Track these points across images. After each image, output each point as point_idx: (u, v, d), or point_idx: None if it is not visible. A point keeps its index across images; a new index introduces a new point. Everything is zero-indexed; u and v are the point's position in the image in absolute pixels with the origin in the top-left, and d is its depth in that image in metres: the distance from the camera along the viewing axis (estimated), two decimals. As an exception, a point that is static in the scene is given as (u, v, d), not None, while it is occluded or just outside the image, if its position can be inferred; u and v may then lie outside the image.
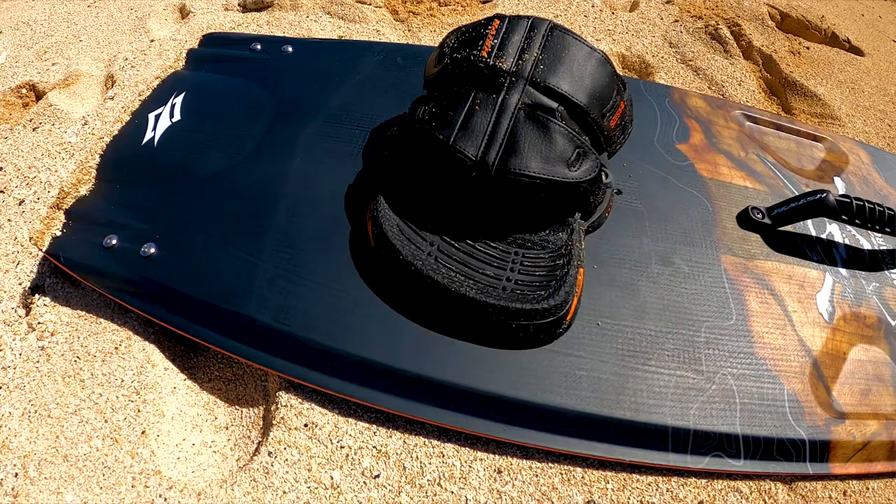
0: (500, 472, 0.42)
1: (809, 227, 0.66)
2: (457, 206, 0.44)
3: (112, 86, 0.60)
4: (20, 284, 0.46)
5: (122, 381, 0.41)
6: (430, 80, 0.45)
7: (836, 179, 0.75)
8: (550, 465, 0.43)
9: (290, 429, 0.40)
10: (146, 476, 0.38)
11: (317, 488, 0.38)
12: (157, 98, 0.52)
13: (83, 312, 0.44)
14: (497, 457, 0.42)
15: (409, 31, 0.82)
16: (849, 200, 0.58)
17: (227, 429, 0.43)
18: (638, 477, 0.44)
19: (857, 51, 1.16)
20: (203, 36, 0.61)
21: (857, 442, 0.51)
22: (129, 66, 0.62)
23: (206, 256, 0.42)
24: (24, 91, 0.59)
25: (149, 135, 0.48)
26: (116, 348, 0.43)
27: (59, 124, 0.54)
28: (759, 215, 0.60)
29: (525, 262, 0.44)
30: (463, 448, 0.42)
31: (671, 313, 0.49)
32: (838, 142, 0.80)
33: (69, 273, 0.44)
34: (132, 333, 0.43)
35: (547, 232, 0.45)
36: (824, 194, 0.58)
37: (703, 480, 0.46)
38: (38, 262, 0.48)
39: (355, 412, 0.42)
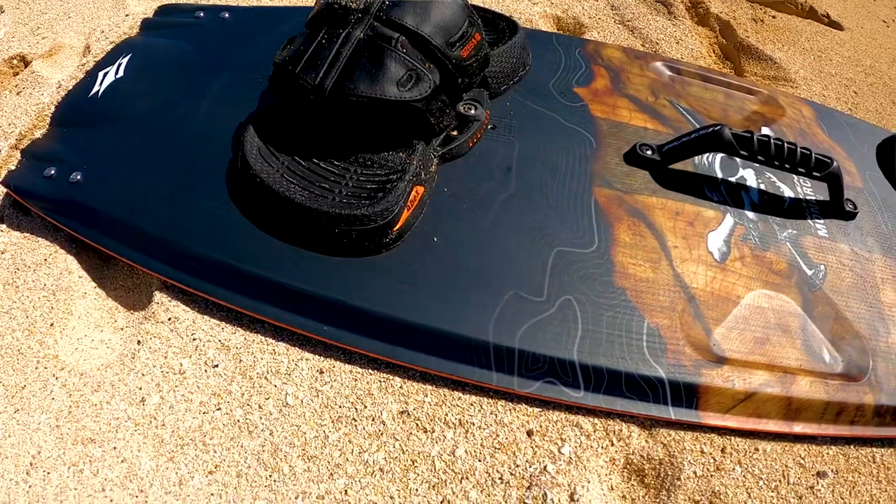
0: (321, 372, 0.35)
1: (716, 168, 0.50)
2: (310, 131, 0.39)
3: (88, 55, 0.58)
4: (-16, 217, 0.47)
5: (45, 285, 0.40)
6: (306, 25, 0.42)
7: (765, 129, 0.58)
8: (371, 371, 0.35)
9: (157, 322, 0.37)
10: (47, 360, 0.36)
11: (168, 373, 0.35)
12: (109, 59, 0.51)
13: (28, 234, 0.43)
14: (322, 358, 0.35)
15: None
16: (749, 135, 0.42)
17: (122, 330, 0.39)
18: (460, 395, 0.34)
19: (836, 25, 0.89)
20: (158, 7, 0.58)
21: (737, 391, 0.36)
22: (103, 38, 0.60)
23: (118, 181, 0.40)
24: (15, 62, 0.60)
25: (95, 89, 0.48)
26: (45, 260, 0.41)
27: (38, 88, 0.54)
28: (649, 151, 0.45)
29: (360, 178, 0.36)
30: (293, 347, 0.36)
31: (519, 237, 0.38)
32: (777, 96, 0.62)
33: (18, 199, 0.44)
34: (59, 248, 0.42)
35: (389, 153, 0.37)
36: (718, 127, 0.43)
37: (537, 409, 0.35)
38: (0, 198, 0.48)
39: (210, 310, 0.37)
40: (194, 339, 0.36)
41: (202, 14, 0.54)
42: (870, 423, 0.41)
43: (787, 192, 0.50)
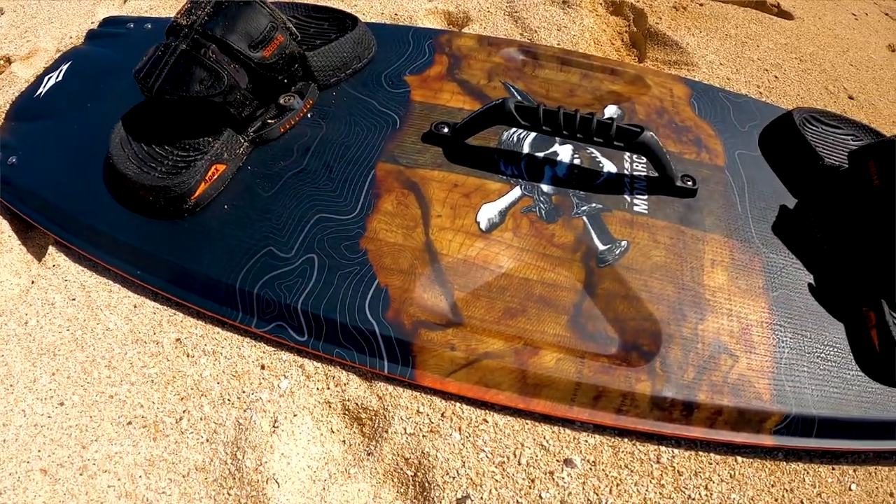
0: (135, 306, 0.40)
1: (525, 144, 0.43)
2: (153, 123, 0.45)
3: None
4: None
5: (-16, 242, 0.46)
6: None
7: (611, 107, 0.48)
8: (166, 307, 0.40)
9: (46, 268, 0.45)
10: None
11: (44, 304, 0.42)
12: (55, 65, 0.57)
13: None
14: (138, 296, 0.41)
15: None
16: (533, 107, 0.38)
17: (31, 276, 0.47)
18: (219, 330, 0.37)
19: (785, 15, 0.73)
20: (102, 19, 0.63)
21: (456, 356, 0.33)
22: (71, 42, 0.64)
23: (38, 165, 0.47)
24: (1, 62, 0.64)
25: (40, 90, 0.54)
26: (-13, 225, 0.47)
27: (12, 86, 0.59)
28: (445, 129, 0.42)
29: (177, 158, 0.42)
30: (123, 287, 0.42)
31: (290, 204, 0.39)
32: (646, 76, 0.51)
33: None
34: (-3, 216, 0.48)
35: (202, 138, 0.42)
36: (501, 101, 0.38)
37: (271, 347, 0.36)
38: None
39: (80, 260, 0.45)
40: (66, 281, 0.44)
41: (132, 25, 0.60)
42: (647, 416, 0.34)
43: (610, 168, 0.43)
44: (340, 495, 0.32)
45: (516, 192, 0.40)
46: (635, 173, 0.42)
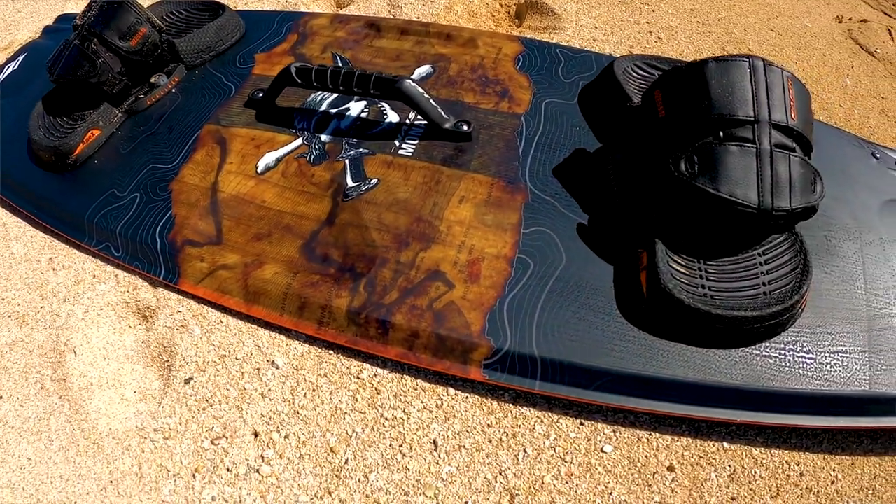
0: (31, 237, 0.62)
1: (324, 104, 0.58)
2: (59, 101, 0.67)
3: (28, 50, 0.90)
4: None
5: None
6: None
7: (424, 66, 0.60)
8: (48, 237, 0.61)
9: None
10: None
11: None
12: (13, 57, 0.76)
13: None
14: (34, 230, 0.62)
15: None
16: (308, 68, 0.53)
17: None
18: (75, 251, 0.58)
19: None
20: (57, 16, 0.81)
21: (203, 266, 0.49)
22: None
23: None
24: None
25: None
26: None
27: None
28: (259, 94, 0.59)
29: (67, 127, 0.64)
30: (26, 223, 0.63)
31: (134, 157, 0.59)
32: (481, 38, 0.63)
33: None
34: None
35: (86, 111, 0.64)
36: (286, 67, 0.54)
37: (103, 262, 0.56)
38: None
39: (4, 204, 0.66)
40: (4, 225, 0.70)
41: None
42: (345, 331, 0.45)
43: (392, 119, 0.54)
44: (118, 369, 0.49)
45: (297, 141, 0.54)
46: (416, 123, 0.53)
